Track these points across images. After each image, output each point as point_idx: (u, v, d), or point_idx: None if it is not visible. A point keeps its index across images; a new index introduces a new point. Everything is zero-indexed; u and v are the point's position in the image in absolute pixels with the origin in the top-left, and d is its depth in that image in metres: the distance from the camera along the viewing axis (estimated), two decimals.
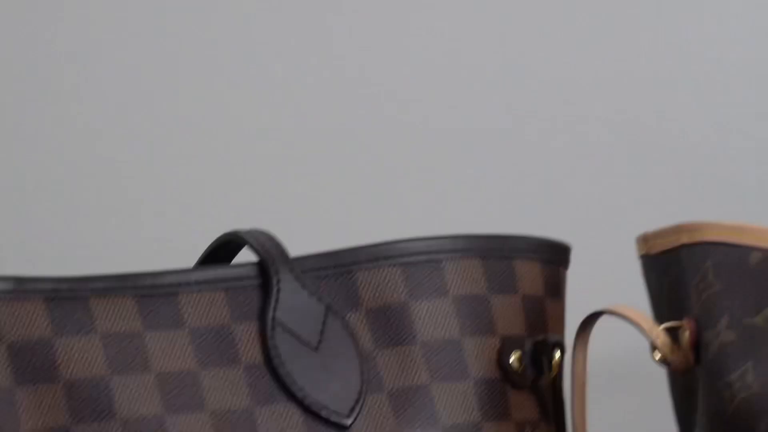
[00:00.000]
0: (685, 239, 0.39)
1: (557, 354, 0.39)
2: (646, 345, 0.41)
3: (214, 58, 0.68)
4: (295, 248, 0.39)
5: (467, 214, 0.67)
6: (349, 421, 0.35)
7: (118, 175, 0.69)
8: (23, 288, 0.32)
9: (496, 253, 0.39)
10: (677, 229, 0.40)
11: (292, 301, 0.36)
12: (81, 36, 0.69)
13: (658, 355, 0.38)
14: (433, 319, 0.38)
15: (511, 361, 0.38)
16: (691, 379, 0.39)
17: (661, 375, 0.48)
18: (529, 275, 0.40)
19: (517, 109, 0.67)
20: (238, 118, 0.67)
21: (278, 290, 0.36)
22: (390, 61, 0.68)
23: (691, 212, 0.61)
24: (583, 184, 0.66)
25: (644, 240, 0.42)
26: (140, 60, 0.69)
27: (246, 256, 0.37)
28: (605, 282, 0.61)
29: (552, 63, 0.69)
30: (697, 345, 0.37)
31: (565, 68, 0.68)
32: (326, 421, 0.35)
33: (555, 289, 0.40)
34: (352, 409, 0.36)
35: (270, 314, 0.36)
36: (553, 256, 0.41)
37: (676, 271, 0.40)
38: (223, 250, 0.41)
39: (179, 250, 0.65)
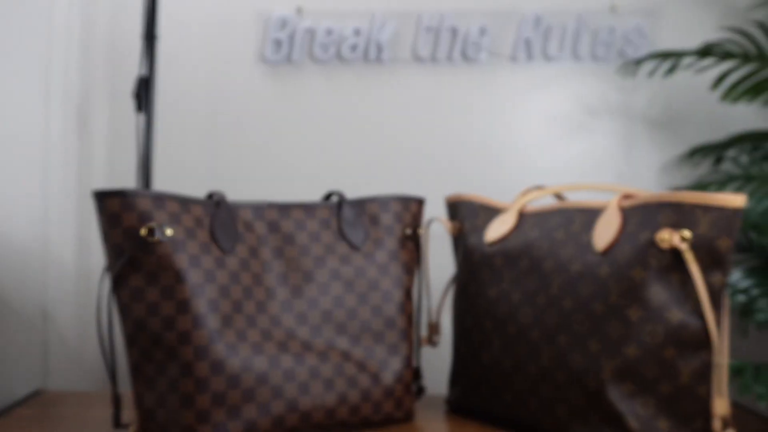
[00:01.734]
0: (457, 200, 1.15)
1: (419, 229, 1.07)
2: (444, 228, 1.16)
3: None
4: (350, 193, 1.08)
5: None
6: (361, 248, 1.05)
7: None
8: None
9: (401, 198, 1.10)
10: (456, 196, 1.15)
11: (347, 212, 1.04)
12: None
13: (449, 231, 1.14)
14: (387, 218, 1.09)
15: (408, 232, 1.07)
16: (456, 239, 1.15)
17: (447, 241, 1.23)
18: (413, 211, 1.11)
19: None
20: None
21: (342, 208, 1.01)
22: None
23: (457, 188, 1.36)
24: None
25: (447, 198, 1.18)
26: None
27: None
28: (436, 211, 1.35)
29: None
30: (460, 229, 1.12)
31: None
32: (354, 246, 1.05)
33: (421, 211, 1.11)
34: (362, 245, 1.06)
35: (340, 215, 1.01)
36: (416, 203, 1.13)
37: (455, 208, 1.15)
38: (328, 196, 1.05)
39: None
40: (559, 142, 1.40)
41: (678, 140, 1.40)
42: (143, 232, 0.84)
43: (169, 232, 0.85)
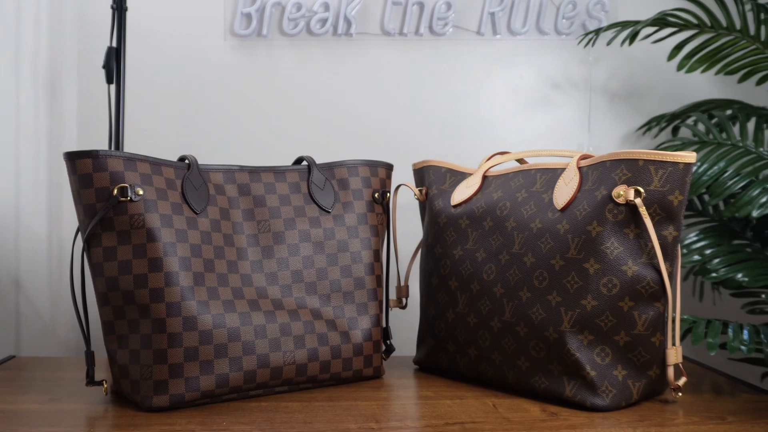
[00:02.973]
0: (424, 165, 1.17)
1: (387, 194, 1.08)
2: (413, 195, 1.19)
3: None
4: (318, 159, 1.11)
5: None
6: (331, 211, 1.07)
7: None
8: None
9: (369, 162, 1.13)
10: (423, 162, 1.18)
11: (316, 176, 1.06)
12: None
13: (417, 197, 1.16)
14: (355, 182, 1.11)
15: (376, 196, 1.07)
16: (424, 205, 1.18)
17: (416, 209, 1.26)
18: (381, 176, 1.13)
19: None
20: None
21: (312, 172, 1.03)
22: None
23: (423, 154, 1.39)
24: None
25: (414, 165, 1.20)
26: None
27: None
28: (403, 177, 1.37)
29: None
30: (427, 194, 1.16)
31: None
32: (323, 209, 1.07)
33: (389, 176, 1.13)
34: (332, 207, 1.07)
35: (310, 179, 1.06)
36: (385, 168, 1.15)
37: (422, 174, 1.18)
38: (298, 161, 1.06)
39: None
40: (523, 114, 1.44)
41: (638, 112, 1.44)
42: (115, 191, 0.86)
43: (140, 191, 0.87)
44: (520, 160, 1.09)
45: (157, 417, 0.84)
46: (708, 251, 1.16)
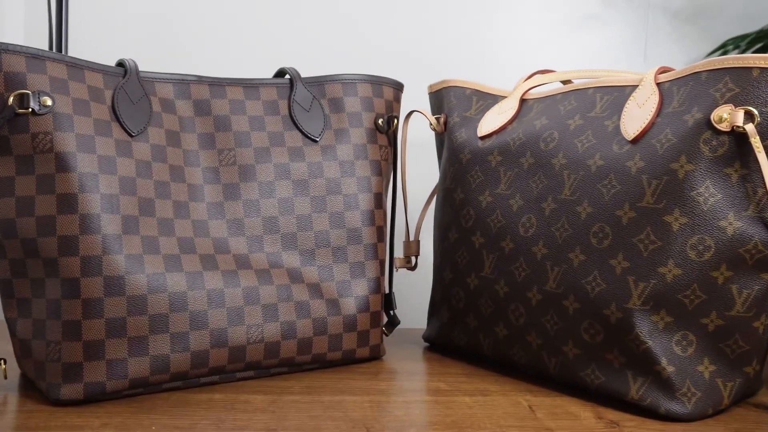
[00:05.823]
0: (443, 86, 0.91)
1: (395, 121, 0.83)
2: (427, 125, 0.93)
3: None
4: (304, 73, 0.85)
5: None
6: (318, 140, 0.79)
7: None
8: None
9: (372, 78, 0.82)
10: (442, 82, 0.92)
11: (301, 94, 0.79)
12: None
13: (433, 127, 0.91)
14: (353, 103, 0.79)
15: (380, 123, 0.81)
16: (441, 137, 0.93)
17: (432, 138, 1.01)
18: (387, 97, 0.84)
19: None
20: None
21: (295, 88, 0.79)
22: None
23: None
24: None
25: (430, 87, 0.95)
26: None
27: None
28: (418, 101, 1.12)
29: None
30: (446, 123, 0.90)
31: None
32: (308, 137, 0.78)
33: (398, 99, 0.86)
34: (320, 135, 0.80)
35: (292, 97, 0.79)
36: (392, 87, 0.85)
37: (440, 97, 0.92)
38: (279, 75, 0.81)
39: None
40: (565, 34, 1.17)
41: (705, 35, 1.17)
42: (11, 99, 0.61)
43: (48, 102, 0.62)
44: (567, 82, 0.83)
45: (63, 414, 0.61)
46: None
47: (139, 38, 1.13)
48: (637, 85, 0.69)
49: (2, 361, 0.67)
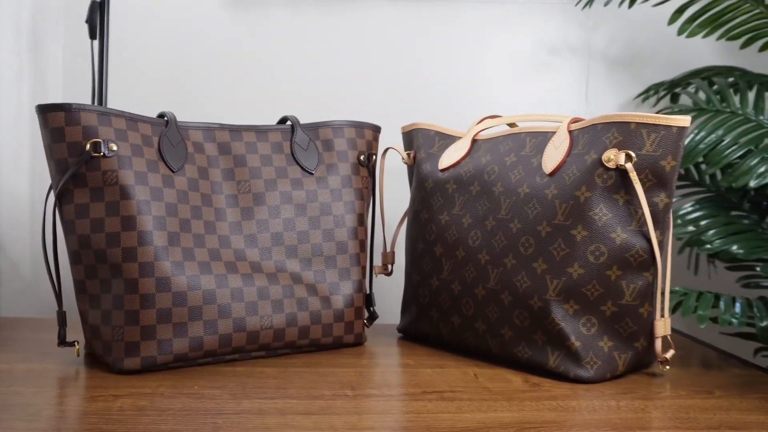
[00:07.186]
0: (413, 128, 1.14)
1: (374, 157, 1.06)
2: (400, 160, 1.15)
3: None
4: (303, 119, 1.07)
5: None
6: (314, 173, 1.04)
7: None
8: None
9: (355, 123, 1.04)
10: (412, 125, 1.15)
11: (300, 136, 1.04)
12: None
13: (405, 161, 1.13)
14: (341, 143, 1.03)
15: (362, 159, 1.04)
16: (412, 169, 1.14)
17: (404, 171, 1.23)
18: (367, 138, 1.09)
19: None
20: None
21: (295, 132, 1.01)
22: None
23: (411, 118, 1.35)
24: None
25: (403, 128, 1.17)
26: None
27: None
28: (392, 139, 1.34)
29: None
30: (415, 158, 1.12)
31: None
32: (306, 170, 1.04)
33: (377, 139, 1.09)
34: (315, 169, 1.04)
35: (293, 139, 1.01)
36: (371, 129, 1.11)
37: (411, 137, 1.15)
38: (282, 121, 1.03)
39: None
40: (519, 79, 1.40)
41: (637, 79, 1.40)
42: (88, 146, 0.83)
43: (114, 147, 0.84)
44: (512, 125, 1.06)
45: (127, 379, 0.81)
46: (703, 222, 1.13)
47: (172, 90, 1.35)
48: (556, 132, 0.92)
49: (76, 343, 0.88)
